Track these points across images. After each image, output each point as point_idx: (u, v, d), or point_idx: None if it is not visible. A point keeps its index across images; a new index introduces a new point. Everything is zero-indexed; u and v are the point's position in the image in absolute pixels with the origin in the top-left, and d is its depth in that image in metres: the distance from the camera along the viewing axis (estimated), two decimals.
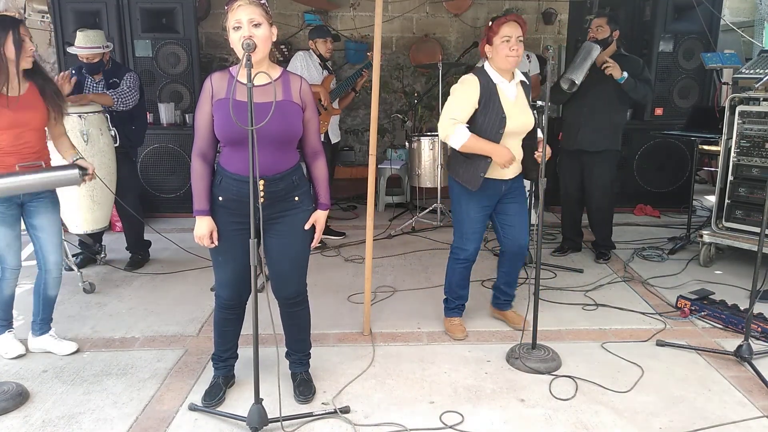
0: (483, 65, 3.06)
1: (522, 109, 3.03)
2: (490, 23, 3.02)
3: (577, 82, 3.93)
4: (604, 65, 4.04)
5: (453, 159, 3.12)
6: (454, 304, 3.32)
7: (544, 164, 2.88)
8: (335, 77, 5.03)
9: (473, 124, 2.97)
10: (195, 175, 2.41)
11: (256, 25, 2.25)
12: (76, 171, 2.87)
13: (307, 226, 2.51)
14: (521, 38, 2.94)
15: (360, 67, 5.00)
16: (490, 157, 2.94)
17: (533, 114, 3.09)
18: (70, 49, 4.09)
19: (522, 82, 3.07)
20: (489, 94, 2.96)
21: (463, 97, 2.97)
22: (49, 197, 2.99)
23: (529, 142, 3.10)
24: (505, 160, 2.91)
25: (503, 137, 2.96)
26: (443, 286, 3.39)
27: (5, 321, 3.11)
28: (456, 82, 3.09)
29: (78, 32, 4.11)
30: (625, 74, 4.04)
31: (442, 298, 3.32)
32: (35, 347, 3.12)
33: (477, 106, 2.96)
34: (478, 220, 3.14)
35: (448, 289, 3.34)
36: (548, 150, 2.95)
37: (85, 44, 4.06)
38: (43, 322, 3.13)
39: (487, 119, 2.96)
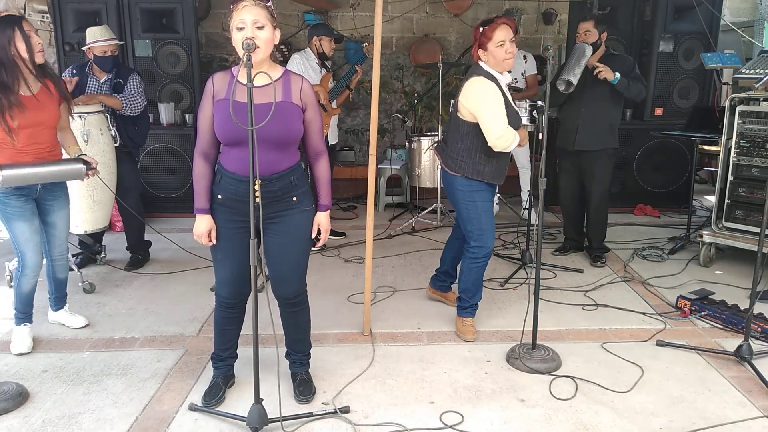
0: (481, 65, 3.11)
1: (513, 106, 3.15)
2: (482, 29, 3.09)
3: (573, 83, 3.96)
4: (596, 71, 4.05)
5: (469, 160, 3.11)
6: (469, 303, 3.31)
7: (544, 164, 2.88)
8: (332, 76, 5.02)
9: None
10: (196, 174, 2.44)
11: (260, 27, 2.26)
12: (81, 165, 3.01)
13: (313, 235, 2.55)
14: (513, 39, 3.03)
15: (353, 63, 4.99)
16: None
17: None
18: (90, 45, 4.05)
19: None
20: (502, 92, 3.08)
21: (498, 101, 3.04)
22: (63, 195, 3.13)
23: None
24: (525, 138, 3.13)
25: None
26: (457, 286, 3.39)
27: (23, 314, 3.16)
28: (459, 83, 3.17)
29: (90, 29, 4.11)
30: (618, 75, 4.06)
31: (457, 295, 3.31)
32: (53, 320, 3.43)
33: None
34: (492, 214, 3.25)
35: (463, 289, 3.30)
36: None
37: (103, 36, 4.08)
38: (58, 300, 3.40)
39: (509, 117, 3.05)
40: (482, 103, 3.02)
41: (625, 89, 4.11)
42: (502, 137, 2.98)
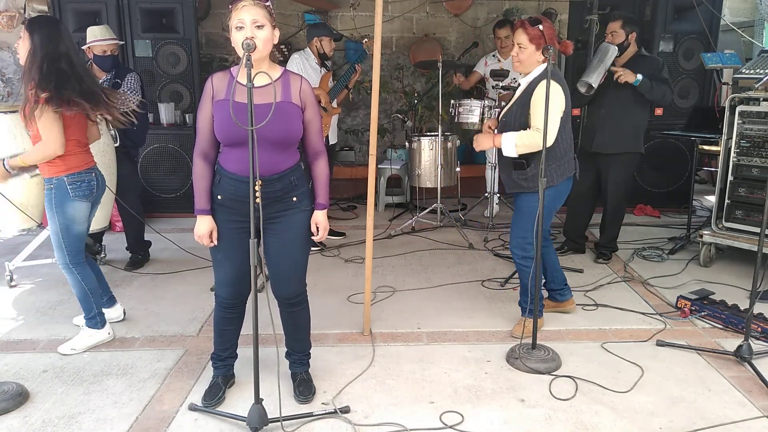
0: None
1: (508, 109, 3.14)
2: None
3: (594, 85, 3.91)
4: (616, 75, 4.00)
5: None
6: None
7: (544, 164, 2.87)
8: (332, 75, 5.01)
9: None
10: (196, 174, 2.44)
11: (259, 27, 2.26)
12: None
13: (313, 236, 2.55)
14: (522, 45, 3.00)
15: (353, 62, 4.98)
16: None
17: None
18: (90, 44, 4.05)
19: (531, 85, 3.03)
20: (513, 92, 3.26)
21: None
22: (48, 196, 2.98)
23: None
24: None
25: None
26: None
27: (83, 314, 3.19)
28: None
29: (91, 28, 4.12)
30: (640, 77, 3.98)
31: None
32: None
33: None
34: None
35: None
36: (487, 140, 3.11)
37: (103, 36, 4.08)
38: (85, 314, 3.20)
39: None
40: None
41: (648, 91, 4.04)
42: None
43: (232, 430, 2.46)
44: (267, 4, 2.31)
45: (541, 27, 2.98)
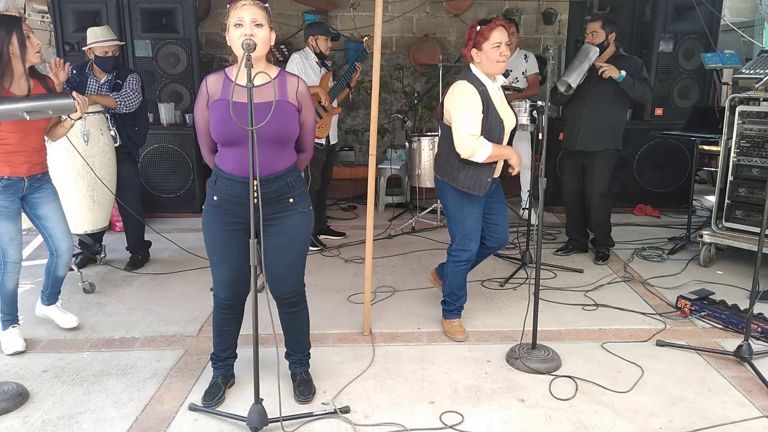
0: (471, 69, 3.02)
1: (507, 110, 3.10)
2: (479, 28, 2.96)
3: (573, 85, 3.95)
4: (600, 70, 4.05)
5: (448, 165, 3.08)
6: (454, 306, 3.30)
7: (545, 164, 2.88)
8: (332, 75, 5.00)
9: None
10: (212, 165, 2.51)
11: (258, 26, 2.26)
12: (71, 99, 2.79)
13: None
14: (508, 42, 3.01)
15: (353, 62, 4.98)
16: (496, 162, 3.04)
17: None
18: (91, 45, 4.05)
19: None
20: (486, 99, 2.95)
21: (473, 108, 2.92)
22: (48, 187, 3.10)
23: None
24: (518, 161, 3.07)
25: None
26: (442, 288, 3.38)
27: (9, 316, 3.15)
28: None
29: (92, 29, 4.11)
30: (623, 73, 4.05)
31: (441, 298, 3.33)
32: (40, 313, 3.40)
33: (482, 114, 2.95)
34: (479, 220, 3.16)
35: (448, 292, 3.30)
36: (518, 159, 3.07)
37: (105, 37, 4.08)
38: (51, 295, 3.36)
39: (490, 125, 2.96)
40: (456, 107, 2.94)
41: (630, 88, 4.10)
42: (462, 144, 2.90)
43: (232, 430, 2.46)
44: (266, 5, 2.31)
45: None
